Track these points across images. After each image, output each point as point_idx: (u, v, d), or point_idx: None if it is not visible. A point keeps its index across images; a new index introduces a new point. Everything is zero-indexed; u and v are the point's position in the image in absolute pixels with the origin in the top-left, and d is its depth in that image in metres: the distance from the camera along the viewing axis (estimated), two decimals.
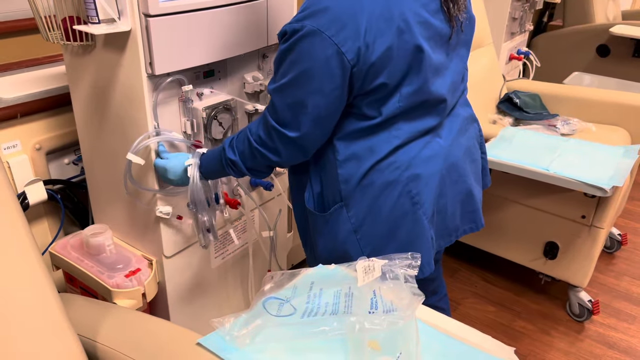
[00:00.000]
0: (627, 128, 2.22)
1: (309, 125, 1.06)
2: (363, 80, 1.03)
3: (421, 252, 1.18)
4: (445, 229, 1.25)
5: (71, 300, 1.10)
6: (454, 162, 1.21)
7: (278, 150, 1.10)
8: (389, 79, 1.04)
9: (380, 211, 1.15)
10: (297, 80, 1.03)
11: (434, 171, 1.16)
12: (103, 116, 1.26)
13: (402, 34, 1.02)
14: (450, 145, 1.19)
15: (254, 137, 1.11)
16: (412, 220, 1.16)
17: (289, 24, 1.03)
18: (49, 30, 1.12)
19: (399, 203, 1.14)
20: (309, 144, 1.10)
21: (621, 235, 2.46)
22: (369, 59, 1.01)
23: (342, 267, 1.04)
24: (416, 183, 1.14)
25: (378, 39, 1.00)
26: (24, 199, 1.37)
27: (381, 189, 1.13)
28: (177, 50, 1.14)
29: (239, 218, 1.52)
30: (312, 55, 1.00)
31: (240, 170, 1.15)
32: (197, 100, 1.27)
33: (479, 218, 1.33)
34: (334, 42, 0.98)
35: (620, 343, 1.96)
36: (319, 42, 0.99)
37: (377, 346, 0.87)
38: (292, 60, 1.02)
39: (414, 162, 1.13)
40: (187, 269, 1.42)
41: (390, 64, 1.02)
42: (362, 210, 1.15)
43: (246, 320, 0.91)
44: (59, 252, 1.35)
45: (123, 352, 0.95)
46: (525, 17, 2.85)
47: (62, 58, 1.53)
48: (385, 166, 1.12)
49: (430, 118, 1.14)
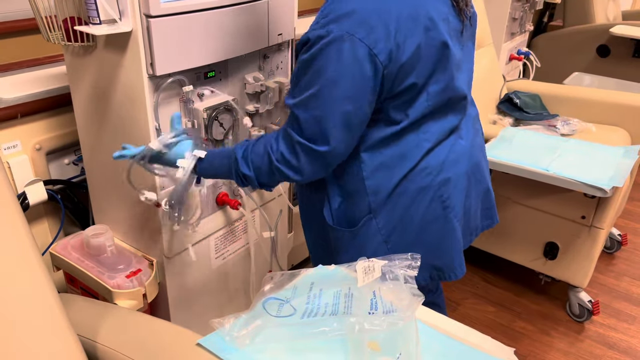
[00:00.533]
0: (627, 128, 2.22)
1: (340, 136, 1.01)
2: (393, 82, 1.00)
3: (452, 254, 1.18)
4: (467, 228, 1.25)
5: (71, 300, 1.10)
6: (475, 161, 1.21)
7: (301, 169, 1.04)
8: (418, 78, 1.02)
9: (412, 219, 1.12)
10: (325, 89, 0.97)
11: (462, 173, 1.16)
12: (104, 116, 1.26)
13: (428, 32, 1.01)
14: (470, 145, 1.20)
15: (275, 155, 1.04)
16: (443, 223, 1.14)
17: (311, 31, 0.98)
18: (50, 31, 1.12)
19: (430, 208, 1.12)
20: (338, 157, 1.05)
21: (621, 236, 2.46)
22: (400, 60, 0.98)
23: (342, 267, 1.05)
24: (447, 187, 1.13)
25: (408, 39, 0.98)
26: (24, 199, 1.37)
27: (413, 197, 1.11)
28: (178, 51, 1.14)
29: (239, 218, 1.52)
30: (342, 60, 0.95)
31: (252, 184, 1.09)
32: (198, 100, 1.27)
33: (495, 214, 1.33)
34: (365, 44, 0.95)
35: (620, 343, 1.96)
36: (349, 46, 0.95)
37: (376, 347, 0.87)
38: (319, 68, 0.97)
39: (444, 166, 1.12)
40: (187, 270, 1.42)
41: (420, 63, 1.01)
42: (393, 220, 1.12)
43: (246, 321, 0.91)
44: (60, 253, 1.35)
45: (123, 352, 0.95)
46: (526, 17, 2.86)
47: (62, 58, 1.53)
48: (417, 173, 1.10)
49: (453, 116, 1.14)
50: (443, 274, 1.20)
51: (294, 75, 1.03)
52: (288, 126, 1.04)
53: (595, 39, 3.31)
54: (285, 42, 1.45)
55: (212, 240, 1.46)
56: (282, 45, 1.45)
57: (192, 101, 1.25)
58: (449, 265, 1.19)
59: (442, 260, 1.18)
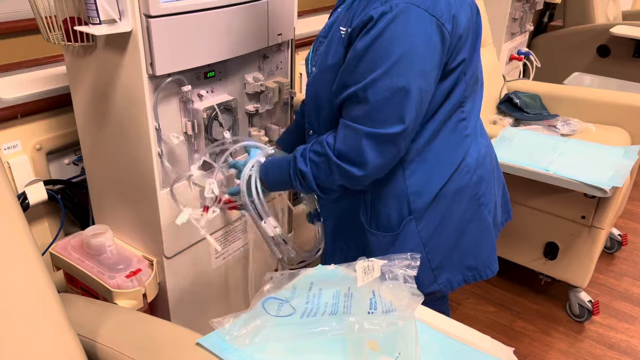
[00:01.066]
0: (627, 128, 2.22)
1: (413, 114, 0.96)
2: (450, 55, 0.98)
3: (488, 253, 1.17)
4: (495, 225, 1.23)
5: (71, 300, 1.10)
6: (495, 157, 1.23)
7: (366, 162, 0.98)
8: (467, 53, 1.01)
9: (451, 219, 1.10)
10: (396, 66, 0.93)
11: (490, 169, 1.16)
12: (104, 116, 1.26)
13: (472, 7, 1.03)
14: (489, 143, 1.21)
15: (333, 151, 1.00)
16: (479, 221, 1.13)
17: (372, 9, 0.94)
18: (50, 31, 1.12)
19: (468, 208, 1.11)
20: (407, 138, 0.99)
21: (621, 236, 2.46)
22: (458, 31, 0.98)
23: (342, 267, 1.05)
24: (480, 185, 1.12)
25: (461, 11, 0.99)
26: (24, 199, 1.37)
27: (453, 197, 1.09)
28: (178, 51, 1.14)
29: (239, 218, 1.52)
30: (411, 33, 0.92)
31: (309, 185, 1.04)
32: (198, 100, 1.27)
33: (510, 208, 1.33)
34: (431, 14, 0.92)
35: (620, 343, 1.96)
36: (416, 17, 0.92)
37: (376, 346, 0.87)
38: (386, 46, 0.93)
39: (478, 164, 1.11)
40: (187, 270, 1.42)
41: (470, 36, 1.01)
42: (433, 222, 1.09)
43: (246, 321, 0.91)
44: (60, 253, 1.35)
45: (123, 352, 0.95)
46: (526, 17, 2.86)
47: (62, 58, 1.53)
48: (459, 172, 1.09)
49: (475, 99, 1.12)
50: (478, 273, 1.17)
51: (351, 60, 0.97)
52: (346, 118, 0.99)
53: (596, 39, 3.31)
54: (285, 42, 1.45)
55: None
56: (282, 45, 1.45)
57: (192, 101, 1.25)
58: (485, 263, 1.17)
59: (478, 259, 1.17)
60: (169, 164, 1.24)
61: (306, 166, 1.04)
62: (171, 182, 1.21)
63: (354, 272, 0.96)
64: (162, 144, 1.22)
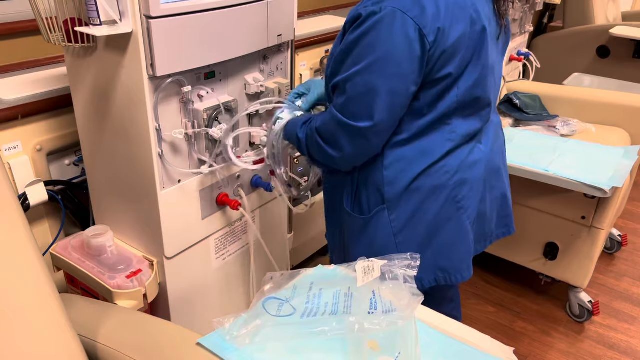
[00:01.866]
0: (627, 129, 2.22)
1: (384, 113, 1.02)
2: (433, 67, 1.01)
3: (460, 257, 1.18)
4: (482, 234, 1.25)
5: (72, 301, 1.10)
6: (494, 167, 1.21)
7: (340, 147, 1.07)
8: (456, 69, 1.03)
9: (424, 215, 1.13)
10: (374, 64, 0.99)
11: (478, 176, 1.16)
12: (104, 117, 1.26)
13: (474, 25, 1.02)
14: (490, 150, 1.20)
15: (318, 132, 1.10)
16: (456, 224, 1.15)
17: (362, 7, 1.00)
18: (50, 32, 1.13)
19: (444, 208, 1.13)
20: (378, 135, 1.06)
21: (621, 236, 2.46)
22: (444, 45, 1.00)
23: (342, 267, 1.05)
24: (462, 188, 1.13)
25: (454, 24, 1.00)
26: (25, 200, 1.37)
27: (428, 194, 1.12)
28: (178, 52, 1.14)
29: (239, 219, 1.52)
30: (393, 37, 0.97)
31: (303, 151, 1.16)
32: (198, 101, 1.27)
33: (511, 222, 1.32)
34: (416, 23, 0.96)
35: (620, 344, 1.96)
36: (401, 23, 0.96)
37: (376, 346, 0.87)
38: (369, 44, 0.99)
39: (461, 167, 1.13)
40: (188, 270, 1.42)
41: (460, 53, 1.02)
42: (405, 214, 1.13)
43: (246, 321, 0.92)
44: (60, 253, 1.35)
45: (124, 352, 0.95)
46: (526, 18, 2.86)
47: (63, 59, 1.53)
48: (436, 170, 1.11)
49: (478, 121, 1.15)
50: (449, 276, 1.19)
51: (340, 53, 1.04)
52: (332, 103, 1.08)
53: (595, 40, 3.32)
54: (285, 43, 1.45)
55: (212, 241, 1.47)
56: (282, 46, 1.45)
57: (192, 102, 1.25)
58: (457, 267, 1.19)
59: (451, 261, 1.18)
60: (170, 164, 1.24)
61: (303, 135, 1.14)
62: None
63: (354, 272, 0.96)
64: (163, 144, 1.22)
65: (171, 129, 1.23)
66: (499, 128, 1.28)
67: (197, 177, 1.33)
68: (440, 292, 1.42)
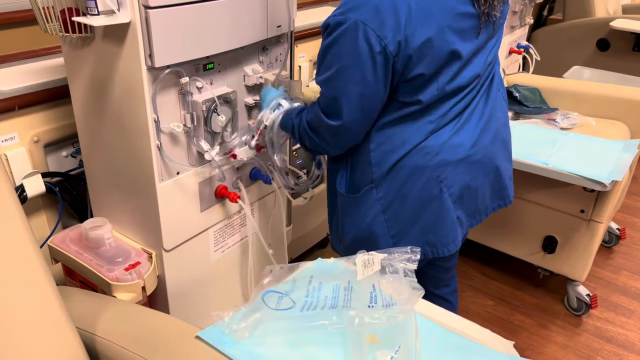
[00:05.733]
0: (626, 122, 2.22)
1: (353, 114, 1.12)
2: (403, 70, 1.08)
3: (445, 232, 1.25)
4: (476, 209, 1.30)
5: (70, 293, 1.10)
6: (483, 146, 1.24)
7: (326, 139, 1.19)
8: (427, 69, 1.08)
9: (408, 194, 1.21)
10: (340, 72, 1.08)
11: (463, 157, 1.21)
12: (102, 108, 1.25)
13: (442, 33, 1.07)
14: (482, 129, 1.23)
15: (308, 123, 1.20)
16: (438, 203, 1.21)
17: (332, 17, 1.07)
18: (47, 22, 1.11)
19: (426, 187, 1.20)
20: (350, 133, 1.16)
21: (620, 230, 2.46)
22: (408, 51, 1.05)
23: (342, 260, 1.05)
24: (444, 168, 1.19)
25: (417, 30, 1.04)
26: (22, 192, 1.37)
27: (410, 173, 1.19)
28: (177, 43, 1.13)
29: (238, 211, 1.52)
30: (356, 47, 1.04)
31: (296, 138, 1.25)
32: (197, 93, 1.26)
33: (507, 195, 1.36)
34: (377, 34, 1.03)
35: (618, 337, 1.97)
36: (363, 34, 1.03)
37: (376, 340, 0.87)
38: (336, 53, 1.07)
39: (443, 149, 1.18)
40: (186, 263, 1.42)
41: (429, 56, 1.07)
42: (391, 192, 1.21)
43: (245, 314, 0.91)
44: (58, 246, 1.35)
45: (122, 345, 0.95)
46: (526, 10, 2.84)
47: (60, 50, 1.52)
48: (417, 151, 1.18)
49: (461, 100, 1.18)
50: (436, 249, 1.26)
51: (319, 55, 1.14)
52: (317, 99, 1.17)
53: (595, 33, 3.31)
54: (285, 35, 1.44)
55: (211, 233, 1.46)
56: (282, 37, 1.44)
57: (191, 93, 1.24)
58: (443, 241, 1.25)
59: (436, 236, 1.25)
60: (168, 156, 1.23)
61: (297, 123, 1.24)
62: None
63: (354, 266, 0.96)
64: (161, 136, 1.21)
65: (169, 120, 1.22)
66: (497, 102, 1.29)
67: (195, 169, 1.32)
68: (440, 273, 1.50)
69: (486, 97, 1.26)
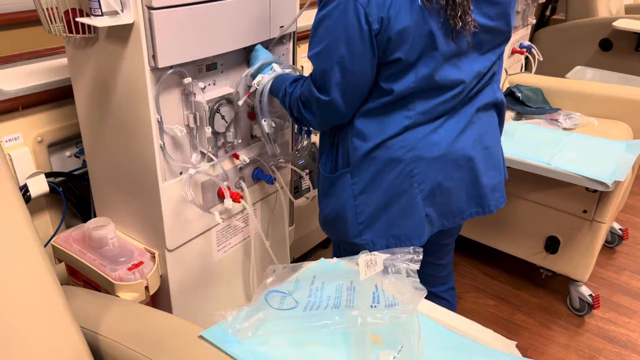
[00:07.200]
0: (629, 122, 2.21)
1: (339, 91, 1.14)
2: (384, 50, 1.10)
3: (411, 227, 1.26)
4: (449, 210, 1.30)
5: (74, 293, 1.10)
6: (461, 147, 1.24)
7: (314, 113, 1.20)
8: (406, 55, 1.10)
9: (380, 184, 1.23)
10: (331, 45, 1.11)
11: (438, 155, 1.21)
12: (105, 109, 1.26)
13: (423, 19, 1.08)
14: (461, 131, 1.23)
15: (300, 95, 1.22)
16: (407, 198, 1.23)
17: None
18: (51, 23, 1.12)
19: (397, 181, 1.22)
20: (337, 109, 1.17)
21: (622, 230, 2.46)
22: (389, 31, 1.07)
23: (344, 260, 1.05)
24: (417, 164, 1.20)
25: (400, 15, 1.06)
26: (26, 192, 1.37)
27: (384, 164, 1.21)
28: (180, 43, 1.14)
29: (241, 211, 1.52)
30: (346, 21, 1.08)
31: (284, 105, 1.27)
32: (200, 93, 1.26)
33: (487, 204, 1.33)
34: (365, 10, 1.06)
35: (620, 337, 1.97)
36: (353, 9, 1.07)
37: (378, 340, 0.87)
38: (328, 26, 1.10)
39: (419, 145, 1.20)
40: (189, 262, 1.42)
41: (408, 41, 1.09)
42: (364, 180, 1.24)
43: (248, 313, 0.91)
44: (62, 245, 1.35)
45: (125, 344, 0.95)
46: (528, 10, 2.84)
47: (64, 50, 1.52)
48: (392, 144, 1.19)
49: (441, 104, 1.19)
50: (400, 242, 1.28)
51: (312, 29, 1.16)
52: (310, 73, 1.19)
53: (598, 33, 3.30)
54: (287, 34, 1.45)
55: (214, 233, 1.46)
56: (284, 37, 1.44)
57: (194, 94, 1.24)
58: (408, 235, 1.27)
59: (402, 229, 1.26)
60: (171, 156, 1.24)
61: (290, 90, 1.25)
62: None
63: (356, 266, 0.96)
64: (164, 136, 1.21)
65: (172, 121, 1.22)
66: (485, 110, 1.29)
67: (198, 169, 1.32)
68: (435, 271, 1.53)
69: (475, 109, 1.25)
